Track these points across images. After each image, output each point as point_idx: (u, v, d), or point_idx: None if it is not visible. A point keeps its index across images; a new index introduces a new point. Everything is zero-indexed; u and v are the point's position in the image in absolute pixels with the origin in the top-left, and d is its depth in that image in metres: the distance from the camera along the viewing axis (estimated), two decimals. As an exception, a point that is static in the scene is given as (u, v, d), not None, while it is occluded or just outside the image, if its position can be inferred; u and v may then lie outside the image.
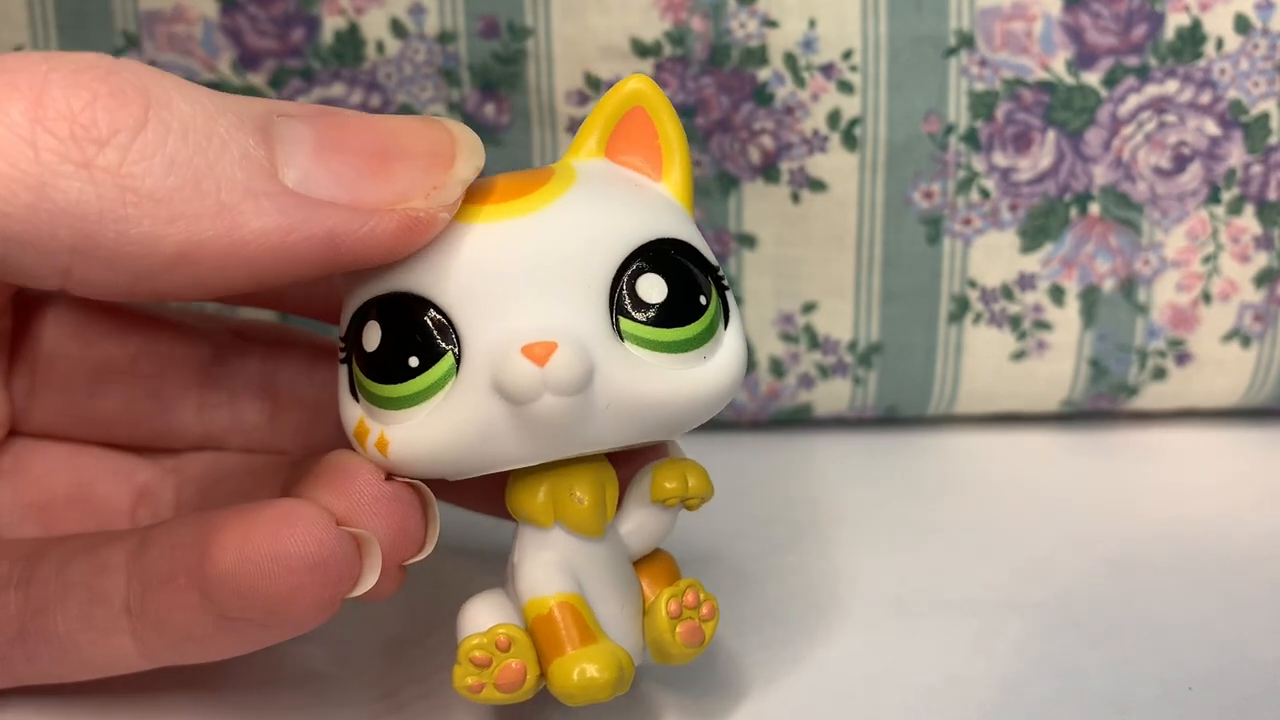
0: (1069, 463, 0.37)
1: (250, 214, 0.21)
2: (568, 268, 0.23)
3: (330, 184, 0.22)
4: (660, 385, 0.23)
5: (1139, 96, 0.33)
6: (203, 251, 0.21)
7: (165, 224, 0.21)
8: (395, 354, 0.23)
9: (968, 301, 0.35)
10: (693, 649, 0.25)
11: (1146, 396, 0.37)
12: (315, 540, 0.23)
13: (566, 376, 0.22)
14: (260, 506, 0.23)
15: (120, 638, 0.24)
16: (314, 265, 0.22)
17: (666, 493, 0.25)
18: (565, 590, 0.24)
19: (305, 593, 0.23)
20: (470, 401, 0.23)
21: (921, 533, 0.34)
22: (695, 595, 0.25)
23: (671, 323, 0.23)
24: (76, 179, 0.20)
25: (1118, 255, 0.35)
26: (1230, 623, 0.30)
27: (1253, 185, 0.34)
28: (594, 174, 0.24)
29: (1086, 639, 0.30)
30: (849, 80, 0.33)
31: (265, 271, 0.22)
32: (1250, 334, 0.36)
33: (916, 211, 0.34)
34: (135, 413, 0.29)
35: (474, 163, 0.23)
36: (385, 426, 0.23)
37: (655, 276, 0.23)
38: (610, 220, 0.23)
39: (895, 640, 0.30)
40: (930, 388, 0.36)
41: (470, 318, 0.23)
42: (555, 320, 0.22)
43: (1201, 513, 0.34)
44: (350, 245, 0.22)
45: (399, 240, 0.22)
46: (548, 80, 0.33)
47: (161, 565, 0.24)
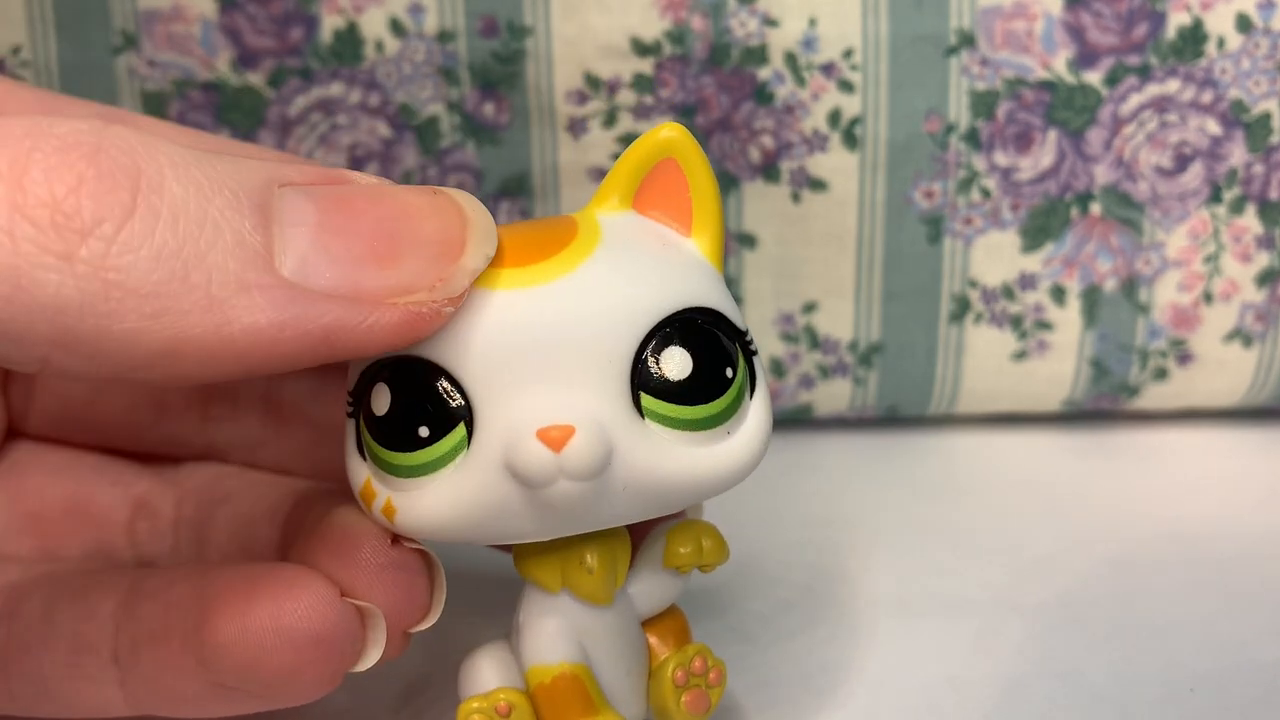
0: (1070, 463, 0.37)
1: (241, 309, 0.19)
2: (589, 343, 0.22)
3: (330, 273, 0.20)
4: (681, 465, 0.22)
5: (1140, 96, 0.33)
6: (189, 348, 0.19)
7: (150, 319, 0.19)
8: (405, 422, 0.22)
9: (968, 301, 0.35)
10: (698, 717, 0.24)
11: (1148, 396, 0.37)
12: (319, 615, 0.22)
13: (583, 463, 0.21)
14: (261, 573, 0.22)
15: (108, 688, 0.24)
16: (306, 359, 0.20)
17: (681, 559, 0.24)
18: (569, 659, 0.23)
19: (307, 668, 0.22)
20: (482, 478, 0.22)
21: (922, 533, 0.34)
22: (703, 662, 0.24)
23: (696, 399, 0.22)
24: (56, 272, 0.19)
25: (1119, 255, 0.35)
26: (1231, 623, 0.30)
27: (1254, 185, 0.34)
28: (620, 232, 0.23)
29: (1087, 639, 0.30)
30: (849, 79, 0.33)
31: (255, 366, 0.20)
32: (1251, 334, 0.36)
33: (917, 211, 0.34)
34: (137, 421, 0.28)
35: (485, 251, 0.21)
36: (392, 493, 0.22)
37: (680, 350, 0.22)
38: (635, 290, 0.22)
39: (896, 640, 0.30)
40: (931, 388, 0.36)
41: (485, 391, 0.22)
42: (573, 401, 0.21)
43: (1202, 513, 0.34)
44: (346, 340, 0.20)
45: (398, 336, 0.21)
46: (547, 79, 0.33)
47: (155, 623, 0.23)
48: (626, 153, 0.23)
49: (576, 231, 0.23)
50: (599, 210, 0.23)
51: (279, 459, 0.28)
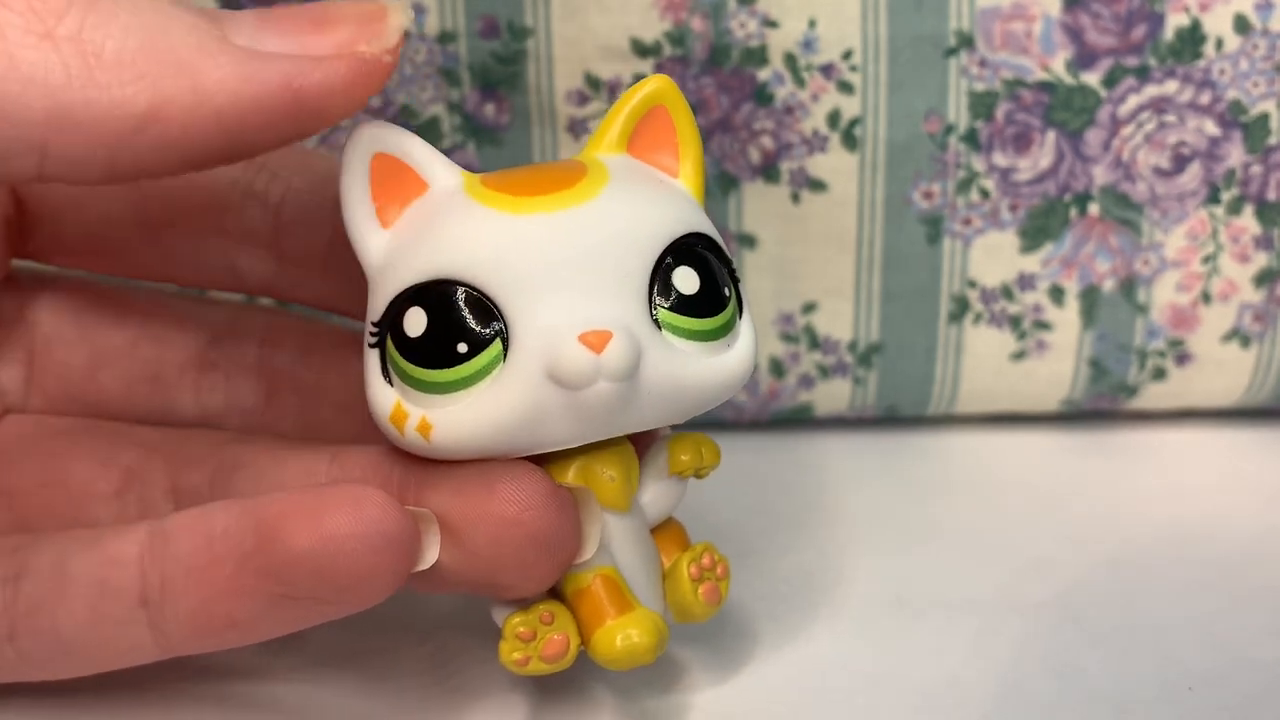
0: (1069, 462, 0.37)
1: (209, 68, 0.22)
2: (613, 259, 0.24)
3: (278, 43, 0.23)
4: (695, 371, 0.24)
5: (1139, 97, 0.33)
6: (170, 109, 0.22)
7: (131, 83, 0.22)
8: (443, 340, 0.23)
9: (968, 301, 0.35)
10: (713, 607, 0.26)
11: (1146, 396, 0.37)
12: (390, 518, 0.23)
13: (621, 363, 0.23)
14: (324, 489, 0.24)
15: (136, 630, 0.25)
16: (279, 120, 0.23)
17: (683, 465, 0.26)
18: (601, 564, 0.25)
19: (381, 570, 0.23)
20: (521, 386, 0.23)
21: (921, 532, 0.34)
22: (711, 557, 0.26)
23: (703, 313, 0.24)
24: (40, 50, 0.21)
25: (1117, 255, 0.35)
26: (1230, 622, 0.30)
27: (1252, 185, 0.34)
28: (623, 170, 0.25)
29: (1086, 638, 0.30)
30: (849, 80, 0.33)
31: (234, 126, 0.22)
32: (1250, 334, 0.36)
33: (916, 211, 0.34)
34: (133, 395, 0.29)
35: (406, 14, 0.24)
36: (427, 410, 0.24)
37: (688, 269, 0.24)
38: (649, 215, 0.25)
39: (895, 640, 0.30)
40: (930, 388, 0.36)
41: (521, 305, 0.23)
42: (606, 310, 0.23)
43: (1201, 512, 0.34)
44: (309, 92, 0.23)
45: (352, 84, 0.23)
46: (548, 80, 0.33)
47: (198, 556, 0.24)
48: (620, 101, 0.26)
49: (586, 169, 0.25)
50: (597, 152, 0.26)
51: (272, 424, 0.29)
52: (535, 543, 0.24)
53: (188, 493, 0.28)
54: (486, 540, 0.24)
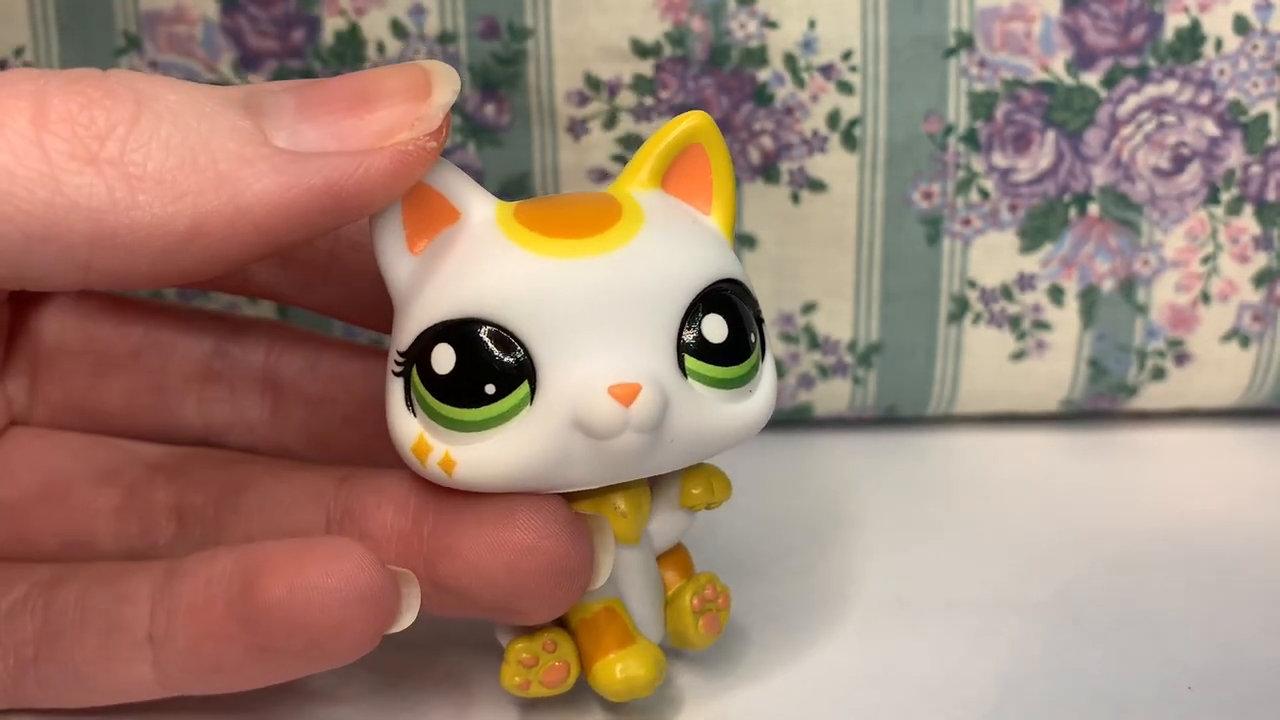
0: (1068, 462, 0.37)
1: (249, 179, 0.22)
2: (646, 307, 0.24)
3: (318, 136, 0.23)
4: (718, 419, 0.24)
5: (1138, 97, 0.34)
6: (212, 224, 0.22)
7: (172, 203, 0.22)
8: (471, 379, 0.24)
9: (967, 302, 0.35)
10: (712, 637, 0.27)
11: (1146, 396, 0.37)
12: (365, 575, 0.23)
13: (648, 416, 0.23)
14: (308, 542, 0.24)
15: (140, 666, 0.25)
16: (320, 218, 0.23)
17: (694, 499, 0.27)
18: (607, 596, 0.26)
19: (352, 626, 0.23)
20: (546, 432, 0.23)
21: (921, 532, 0.34)
22: (714, 589, 0.27)
23: (729, 361, 0.25)
24: (84, 174, 0.21)
25: (1117, 255, 0.35)
26: (1230, 621, 0.30)
27: (1252, 185, 0.34)
28: (658, 209, 0.25)
29: (1086, 638, 0.30)
30: (849, 80, 0.33)
31: (274, 232, 0.22)
32: (1249, 334, 0.36)
33: (916, 212, 0.34)
34: (136, 406, 0.29)
35: (451, 88, 0.23)
36: (451, 446, 0.24)
37: (718, 317, 0.24)
38: (682, 261, 0.24)
39: (895, 639, 0.30)
40: (930, 388, 0.36)
41: (551, 351, 0.23)
42: (636, 361, 0.24)
43: (1201, 512, 0.34)
44: (350, 190, 0.23)
45: (394, 177, 0.23)
46: (548, 81, 0.33)
47: (196, 596, 0.24)
48: (656, 135, 0.26)
49: (622, 209, 0.25)
50: (631, 188, 0.25)
51: (277, 437, 0.29)
52: (552, 571, 0.24)
53: (191, 512, 0.28)
54: (503, 567, 0.24)
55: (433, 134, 0.23)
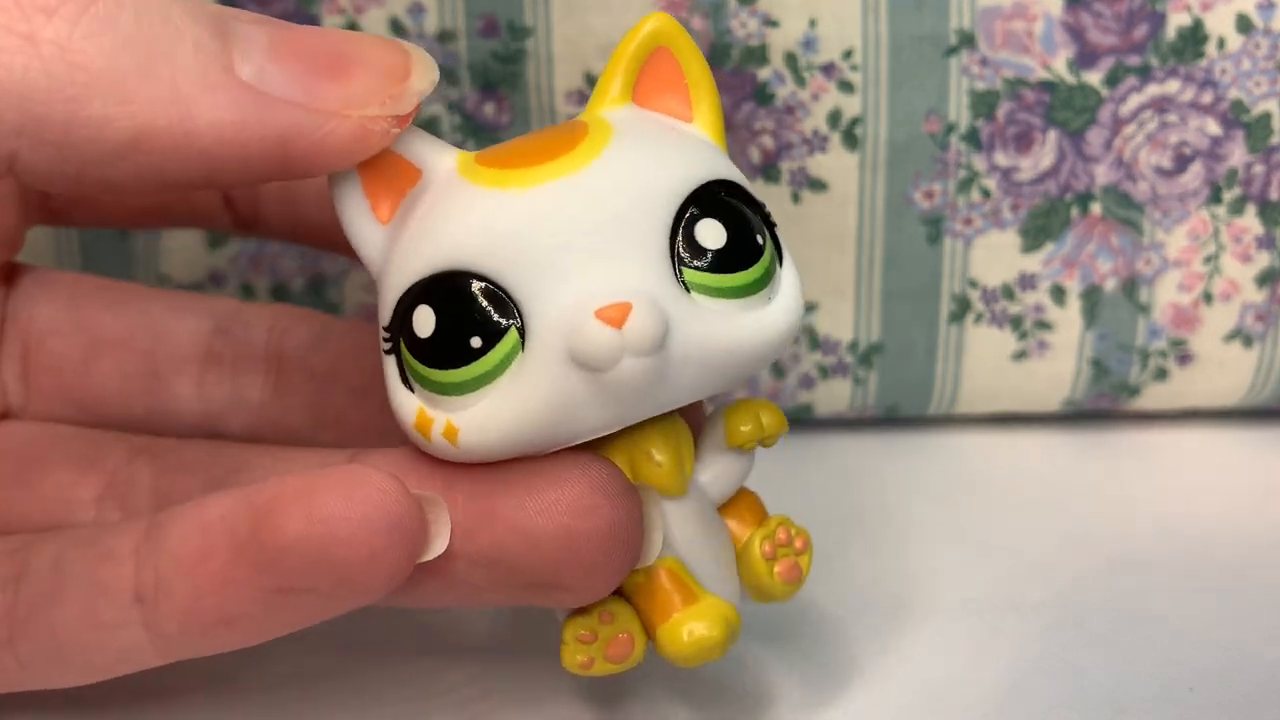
0: (1070, 463, 0.37)
1: (205, 105, 0.20)
2: (626, 223, 0.22)
3: (286, 82, 0.21)
4: (732, 332, 0.22)
5: (1140, 96, 0.33)
6: (155, 140, 0.20)
7: (117, 106, 0.20)
8: (454, 336, 0.22)
9: (968, 301, 0.35)
10: (793, 586, 0.24)
11: (1148, 396, 0.37)
12: (391, 500, 0.21)
13: (646, 336, 0.21)
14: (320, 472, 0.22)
15: (130, 631, 0.23)
16: (263, 165, 0.21)
17: (744, 437, 0.25)
18: (661, 556, 0.24)
19: (383, 556, 0.21)
20: (544, 375, 0.22)
21: (922, 532, 0.34)
22: (787, 532, 0.25)
23: (735, 267, 0.22)
24: (21, 53, 0.19)
25: (1119, 255, 0.35)
26: (1231, 623, 0.30)
27: (1254, 185, 0.34)
28: (628, 123, 0.23)
29: (1087, 639, 0.30)
30: (849, 80, 0.33)
31: (215, 167, 0.21)
32: (1252, 334, 0.36)
33: (917, 211, 0.34)
34: (129, 391, 0.28)
35: (429, 78, 0.22)
36: (450, 414, 0.22)
37: (712, 221, 0.22)
38: (660, 168, 0.23)
39: (895, 640, 0.30)
40: (931, 388, 0.36)
41: (530, 287, 0.22)
42: (623, 279, 0.22)
43: (1203, 513, 0.34)
44: (302, 149, 0.21)
45: (350, 149, 0.21)
46: (548, 80, 0.33)
47: (190, 545, 0.22)
48: (617, 49, 0.24)
49: (587, 128, 0.23)
50: (601, 109, 0.24)
51: (281, 417, 0.28)
52: (611, 535, 0.22)
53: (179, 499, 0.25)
54: (558, 530, 0.22)
55: (400, 118, 0.22)
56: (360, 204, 0.23)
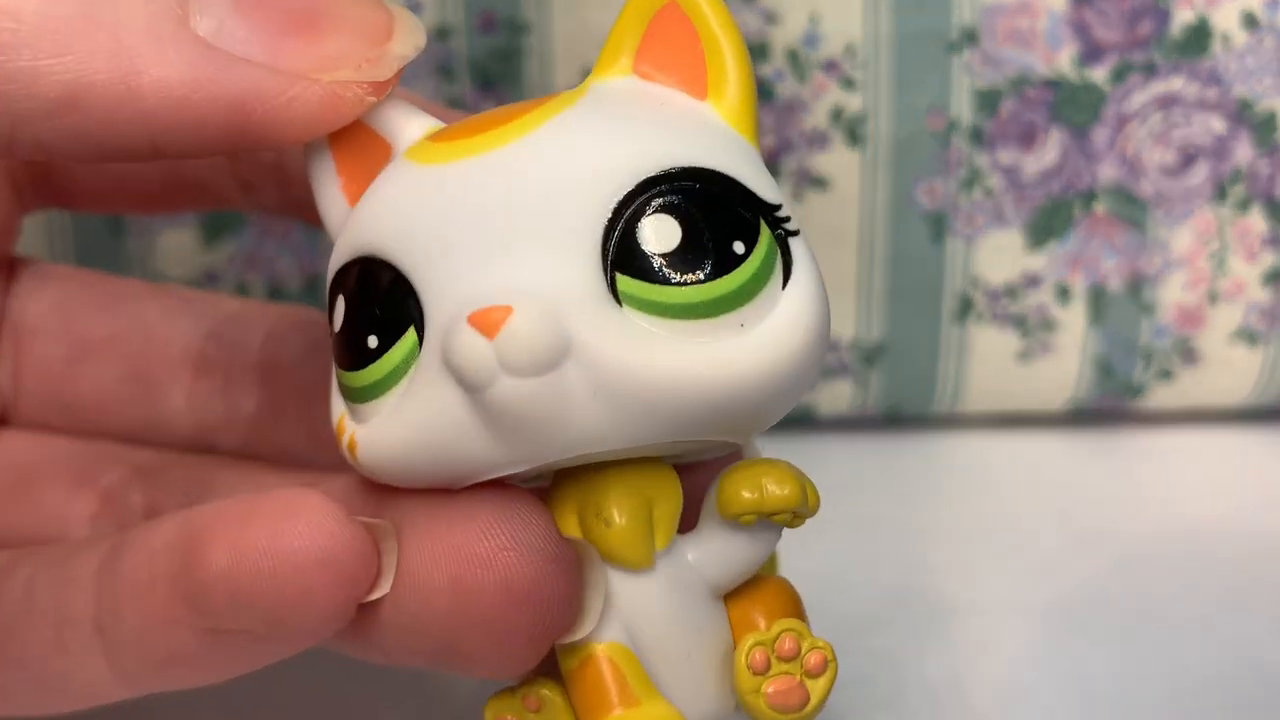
0: (1074, 463, 0.37)
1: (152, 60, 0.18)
2: (543, 210, 0.18)
3: (248, 40, 0.19)
4: (670, 364, 0.17)
5: (1145, 93, 0.33)
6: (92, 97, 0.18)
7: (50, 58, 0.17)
8: (355, 332, 0.19)
9: (972, 300, 0.35)
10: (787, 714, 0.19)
11: (1152, 396, 0.37)
12: (324, 532, 0.19)
13: (520, 350, 0.17)
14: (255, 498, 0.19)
15: (93, 662, 0.21)
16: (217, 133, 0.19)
17: (739, 507, 0.19)
18: (605, 639, 0.19)
19: (315, 595, 0.19)
20: (429, 391, 0.18)
21: (924, 533, 0.34)
22: (795, 644, 0.19)
23: (686, 278, 0.18)
24: None
25: (1123, 254, 0.35)
26: (1237, 624, 0.30)
27: (1259, 183, 0.34)
28: (607, 95, 0.19)
29: (1091, 641, 0.30)
30: (851, 77, 0.33)
31: (161, 132, 0.18)
32: (1257, 333, 0.36)
33: (920, 209, 0.34)
34: (118, 397, 0.26)
35: (413, 41, 0.20)
36: (355, 425, 0.19)
37: (665, 218, 0.18)
38: (608, 147, 0.18)
39: (898, 641, 0.30)
40: (934, 387, 0.36)
41: (430, 281, 0.18)
42: (519, 278, 0.17)
43: (1208, 514, 0.34)
44: (262, 116, 0.19)
45: (317, 116, 0.19)
46: (546, 77, 0.33)
47: (139, 573, 0.20)
48: (623, 9, 0.20)
49: (551, 99, 0.19)
50: (595, 80, 0.20)
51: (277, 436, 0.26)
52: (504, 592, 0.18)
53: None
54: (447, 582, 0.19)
55: (377, 85, 0.19)
56: (331, 182, 0.20)
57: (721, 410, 0.18)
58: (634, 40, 0.19)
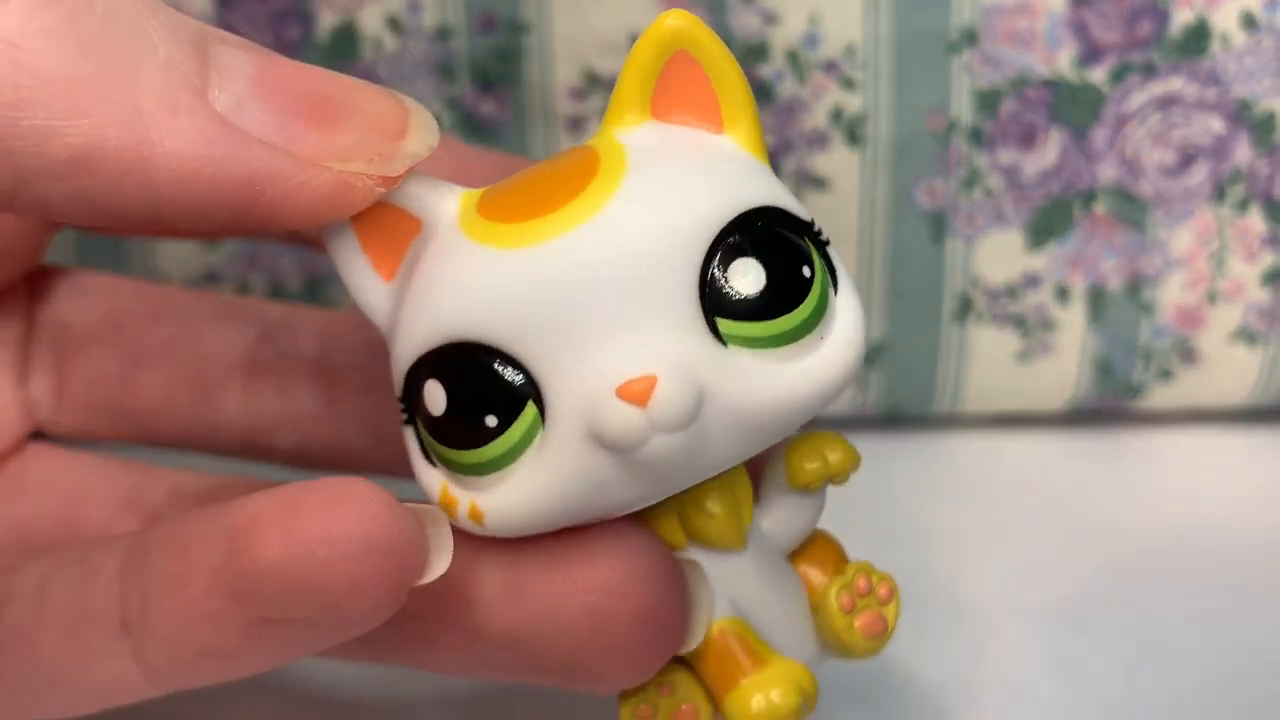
0: (1074, 464, 0.37)
1: (167, 131, 0.18)
2: (646, 275, 0.19)
3: (264, 121, 0.19)
4: (779, 388, 0.20)
5: (1144, 94, 0.33)
6: (103, 162, 0.18)
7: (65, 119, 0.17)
8: (468, 415, 0.20)
9: (971, 301, 0.35)
10: (877, 641, 0.22)
11: (1152, 396, 0.37)
12: (379, 518, 0.19)
13: (674, 412, 0.19)
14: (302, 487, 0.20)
15: (118, 660, 0.21)
16: (222, 211, 0.19)
17: (809, 475, 0.22)
18: (720, 616, 0.22)
19: (369, 582, 0.19)
20: (566, 456, 0.20)
21: (924, 534, 0.33)
22: (868, 580, 0.22)
23: (778, 311, 0.20)
24: None
25: (1123, 254, 0.35)
26: (1237, 626, 0.30)
27: (1259, 183, 0.34)
28: (647, 148, 0.20)
29: (1091, 642, 0.30)
30: (851, 77, 0.33)
31: (167, 203, 0.18)
32: (1256, 333, 0.36)
33: (920, 210, 0.34)
34: (174, 403, 0.26)
35: (427, 142, 0.20)
36: (474, 494, 0.20)
37: (749, 261, 0.20)
38: (682, 203, 0.20)
39: (899, 642, 0.30)
40: (934, 388, 0.36)
41: (545, 359, 0.19)
42: (647, 346, 0.19)
43: (1208, 515, 0.34)
44: (271, 198, 0.19)
45: (326, 204, 0.19)
46: (547, 77, 0.33)
47: (171, 567, 0.20)
48: (631, 55, 0.21)
49: (598, 162, 0.20)
50: (616, 130, 0.21)
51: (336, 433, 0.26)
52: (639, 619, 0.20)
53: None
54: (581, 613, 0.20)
55: (387, 179, 0.20)
56: (358, 260, 0.21)
57: (812, 412, 0.21)
58: (648, 87, 0.21)
